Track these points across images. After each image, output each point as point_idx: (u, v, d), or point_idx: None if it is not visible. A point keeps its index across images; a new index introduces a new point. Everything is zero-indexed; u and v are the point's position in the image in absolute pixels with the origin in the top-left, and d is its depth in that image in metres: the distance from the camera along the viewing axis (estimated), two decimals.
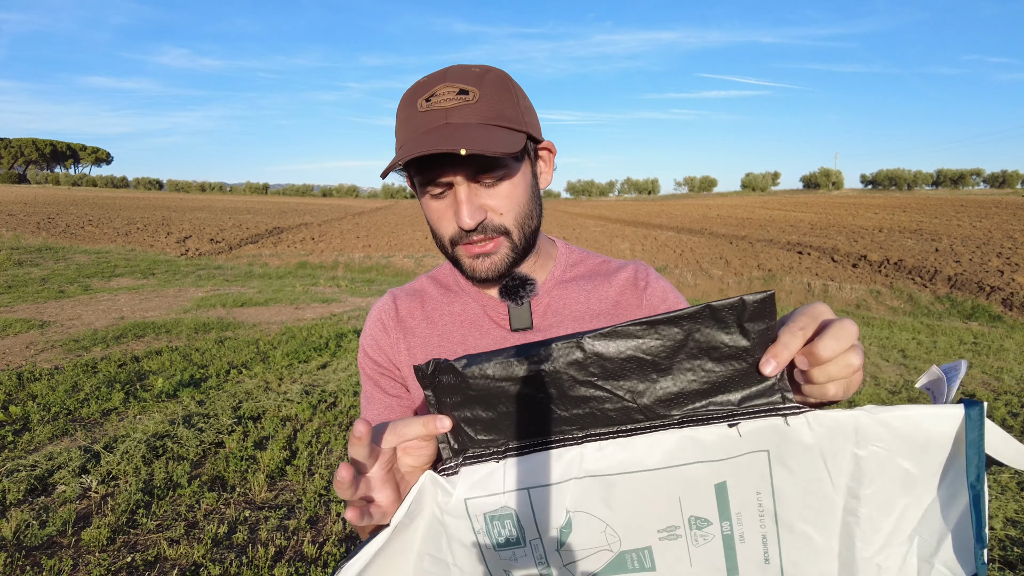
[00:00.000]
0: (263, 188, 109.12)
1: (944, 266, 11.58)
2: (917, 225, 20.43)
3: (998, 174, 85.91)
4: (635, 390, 0.51)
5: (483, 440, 0.54)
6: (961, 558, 0.48)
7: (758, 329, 0.48)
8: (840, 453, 0.49)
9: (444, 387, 0.53)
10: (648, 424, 0.51)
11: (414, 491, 0.54)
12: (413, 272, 12.77)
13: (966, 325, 7.81)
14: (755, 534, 0.53)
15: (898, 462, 0.48)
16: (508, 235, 0.79)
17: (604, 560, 0.56)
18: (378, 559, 0.54)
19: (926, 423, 0.46)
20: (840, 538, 0.51)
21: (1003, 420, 3.83)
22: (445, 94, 0.75)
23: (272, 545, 2.47)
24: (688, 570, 0.55)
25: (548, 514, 0.54)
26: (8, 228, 17.55)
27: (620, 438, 0.52)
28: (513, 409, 0.53)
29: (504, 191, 0.78)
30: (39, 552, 2.39)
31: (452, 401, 0.54)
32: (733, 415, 0.50)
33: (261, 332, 6.05)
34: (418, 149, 0.69)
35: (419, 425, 0.54)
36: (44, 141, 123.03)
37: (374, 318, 0.95)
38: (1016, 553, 2.35)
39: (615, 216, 32.06)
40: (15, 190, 57.16)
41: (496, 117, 0.75)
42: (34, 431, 3.47)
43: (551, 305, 0.90)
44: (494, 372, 0.52)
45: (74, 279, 9.62)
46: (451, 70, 0.78)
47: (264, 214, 30.81)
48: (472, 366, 0.52)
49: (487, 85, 0.76)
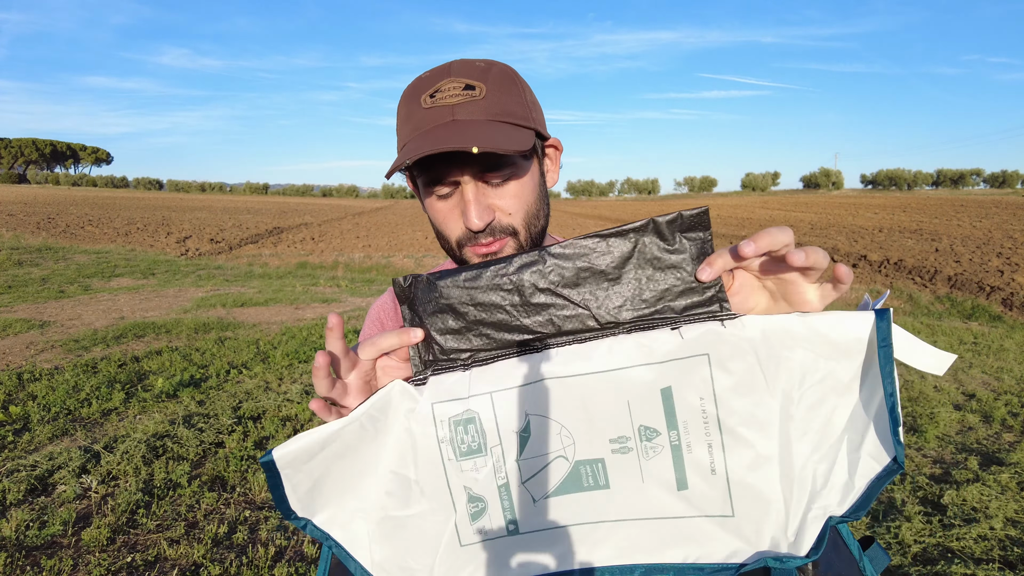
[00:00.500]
0: (263, 188, 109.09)
1: (944, 266, 11.58)
2: (917, 225, 20.43)
3: (998, 174, 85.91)
4: (590, 296, 0.57)
5: (452, 349, 0.59)
6: (883, 444, 0.53)
7: (696, 238, 0.55)
8: (774, 357, 0.53)
9: (419, 300, 0.59)
10: (601, 330, 0.57)
11: (378, 394, 0.58)
12: (413, 272, 12.76)
13: (966, 325, 7.81)
14: (701, 443, 0.55)
15: (825, 364, 0.53)
16: (516, 236, 0.77)
17: (560, 473, 0.58)
18: (342, 467, 0.57)
19: (846, 324, 0.52)
20: (779, 441, 0.54)
21: (1003, 420, 3.83)
22: (450, 90, 0.71)
23: (272, 545, 2.47)
24: (640, 486, 0.57)
25: (509, 416, 0.57)
26: (8, 228, 17.55)
27: (576, 344, 0.57)
28: (481, 317, 0.58)
29: (512, 190, 0.75)
30: (39, 552, 2.39)
31: (425, 312, 0.59)
32: (676, 320, 0.55)
33: (261, 332, 6.05)
34: (425, 147, 0.67)
35: (394, 336, 0.58)
36: (44, 141, 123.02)
37: (373, 316, 0.94)
38: (1016, 553, 2.35)
39: (615, 216, 32.06)
40: (15, 190, 57.17)
41: (503, 113, 0.72)
42: (34, 431, 3.47)
43: None
44: (463, 281, 0.58)
45: (74, 279, 9.62)
46: (455, 65, 0.74)
47: (264, 214, 30.81)
48: (444, 278, 0.58)
49: (493, 80, 0.73)
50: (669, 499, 0.57)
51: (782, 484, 0.55)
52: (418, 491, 0.59)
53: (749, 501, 0.55)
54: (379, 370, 0.62)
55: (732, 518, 0.56)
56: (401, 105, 0.77)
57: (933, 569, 2.28)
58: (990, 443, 3.49)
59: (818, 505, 0.55)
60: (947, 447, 3.45)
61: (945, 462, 3.25)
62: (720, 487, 0.55)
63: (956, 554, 2.37)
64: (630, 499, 0.57)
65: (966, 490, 2.83)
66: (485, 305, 0.57)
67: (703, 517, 0.56)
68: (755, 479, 0.55)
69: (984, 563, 2.30)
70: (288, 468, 0.55)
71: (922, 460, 3.27)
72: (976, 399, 4.24)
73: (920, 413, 3.93)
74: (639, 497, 0.57)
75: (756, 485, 0.55)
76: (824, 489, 0.55)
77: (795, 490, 0.55)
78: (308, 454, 0.55)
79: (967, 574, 2.23)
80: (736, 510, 0.56)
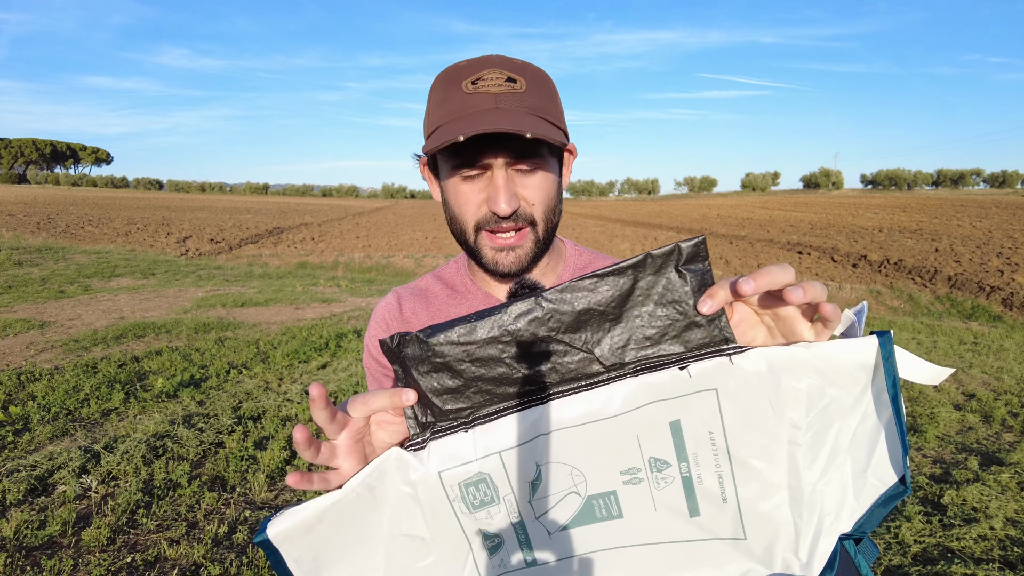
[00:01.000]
0: (263, 188, 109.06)
1: (944, 266, 11.57)
2: (917, 225, 20.43)
3: (998, 174, 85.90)
4: (591, 340, 0.54)
5: (450, 410, 0.55)
6: (892, 465, 0.54)
7: (696, 270, 0.52)
8: (781, 388, 0.53)
9: (411, 359, 0.55)
10: (606, 376, 0.55)
11: (374, 463, 0.55)
12: (413, 272, 12.76)
13: (966, 325, 7.80)
14: (711, 474, 0.55)
15: (829, 391, 0.53)
16: (535, 227, 0.79)
17: (574, 507, 0.58)
18: (343, 536, 0.56)
19: (850, 351, 0.51)
20: (787, 469, 0.55)
21: (1003, 420, 3.83)
22: (493, 79, 0.74)
23: None
24: (652, 515, 0.57)
25: (519, 470, 0.56)
26: (8, 228, 17.55)
27: (581, 392, 0.55)
28: (479, 373, 0.55)
29: (537, 181, 0.78)
30: (39, 552, 2.39)
31: (419, 372, 0.55)
32: (683, 358, 0.53)
33: (261, 332, 6.05)
34: (479, 127, 0.68)
35: (385, 397, 0.54)
36: (44, 141, 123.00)
37: (378, 318, 0.94)
38: (1016, 553, 2.35)
39: (615, 216, 32.06)
40: (15, 190, 57.16)
41: (540, 109, 0.76)
42: (34, 431, 3.47)
43: None
44: (458, 338, 0.54)
45: (74, 279, 9.62)
46: (495, 58, 0.77)
47: (264, 214, 30.81)
48: (436, 335, 0.54)
49: (531, 78, 0.76)
50: (681, 525, 0.57)
51: (792, 509, 0.56)
52: (430, 543, 0.59)
53: (760, 526, 0.56)
54: (373, 423, 0.59)
55: (744, 540, 0.57)
56: (437, 88, 0.78)
57: (933, 569, 2.28)
58: (990, 443, 3.49)
59: (828, 526, 0.55)
60: (947, 447, 3.45)
61: (945, 462, 3.25)
62: (731, 514, 0.56)
63: (956, 554, 2.37)
64: (643, 526, 0.58)
65: (966, 490, 2.83)
66: (483, 360, 0.54)
67: (716, 540, 0.57)
68: (766, 507, 0.56)
69: (984, 563, 2.30)
70: (285, 543, 0.54)
71: (922, 460, 3.27)
72: (976, 399, 4.23)
73: (920, 413, 3.93)
74: (652, 524, 0.58)
75: (767, 512, 0.56)
76: (833, 510, 0.55)
77: (804, 513, 0.55)
78: (305, 528, 0.54)
79: (967, 574, 2.23)
80: (748, 533, 0.57)
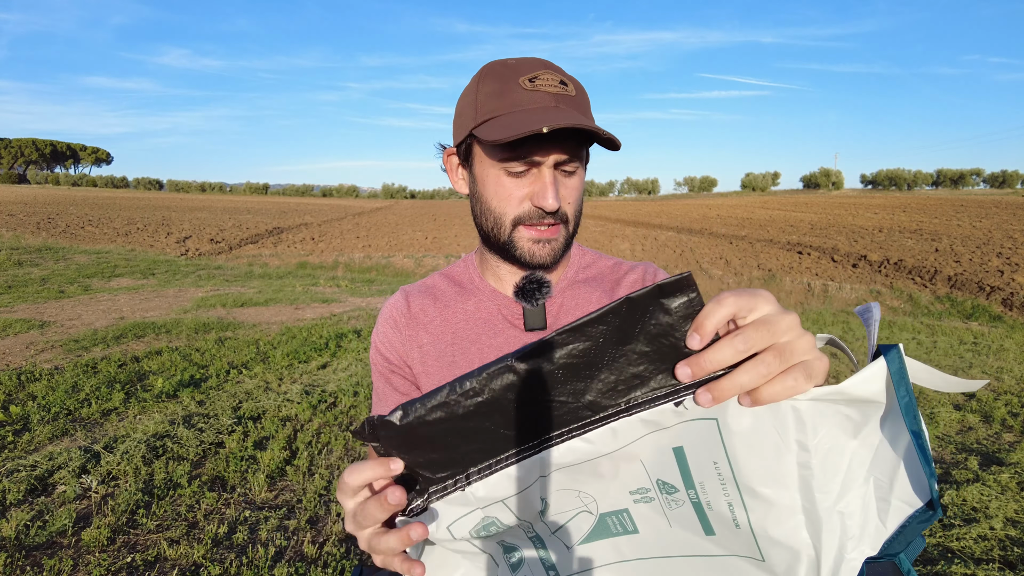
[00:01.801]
0: (263, 188, 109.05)
1: (944, 266, 11.57)
2: (917, 225, 20.43)
3: (998, 174, 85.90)
4: (577, 390, 0.51)
5: (443, 476, 0.54)
6: (916, 490, 0.51)
7: (679, 303, 0.48)
8: (782, 408, 0.50)
9: (390, 440, 0.52)
10: (599, 418, 0.52)
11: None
12: (413, 272, 12.76)
13: (966, 325, 7.81)
14: (721, 501, 0.54)
15: (839, 409, 0.50)
16: (566, 224, 0.84)
17: (588, 525, 0.58)
18: None
19: (860, 389, 0.48)
20: (801, 492, 0.53)
21: (1003, 420, 3.83)
22: (549, 80, 0.77)
23: (272, 545, 2.48)
24: (669, 530, 0.57)
25: (526, 509, 0.56)
26: (8, 228, 17.55)
27: (575, 438, 0.52)
28: (463, 442, 0.52)
29: (574, 183, 0.83)
30: (39, 552, 2.39)
31: (400, 451, 0.53)
32: (676, 392, 0.50)
33: (261, 332, 6.05)
34: (561, 121, 0.70)
35: (369, 469, 0.52)
36: (44, 141, 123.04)
37: (386, 315, 0.94)
38: (1016, 553, 2.35)
39: (615, 216, 32.06)
40: (15, 190, 57.15)
41: (586, 115, 0.80)
42: (34, 431, 3.47)
43: (564, 306, 0.91)
44: (434, 415, 0.51)
45: (74, 279, 9.62)
46: (543, 60, 0.81)
47: (264, 214, 30.81)
48: (409, 416, 0.51)
49: (576, 85, 0.81)
50: (699, 540, 0.57)
51: (810, 532, 0.54)
52: (454, 563, 0.62)
53: (777, 550, 0.55)
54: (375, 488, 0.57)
55: (763, 562, 0.56)
56: (486, 82, 0.79)
57: (933, 569, 2.28)
58: (990, 443, 3.49)
59: (851, 549, 0.54)
60: (947, 447, 3.44)
61: (945, 462, 3.25)
62: (746, 537, 0.55)
63: (956, 554, 2.37)
64: (661, 540, 0.58)
65: (966, 490, 2.83)
66: (464, 431, 0.51)
67: (735, 556, 0.57)
68: (781, 531, 0.54)
69: (984, 563, 2.30)
70: None
71: None
72: (976, 399, 4.24)
73: (920, 413, 3.93)
74: (670, 538, 0.58)
75: (783, 536, 0.54)
76: (856, 534, 0.54)
77: (824, 537, 0.53)
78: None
79: (967, 574, 2.23)
80: (765, 556, 0.55)
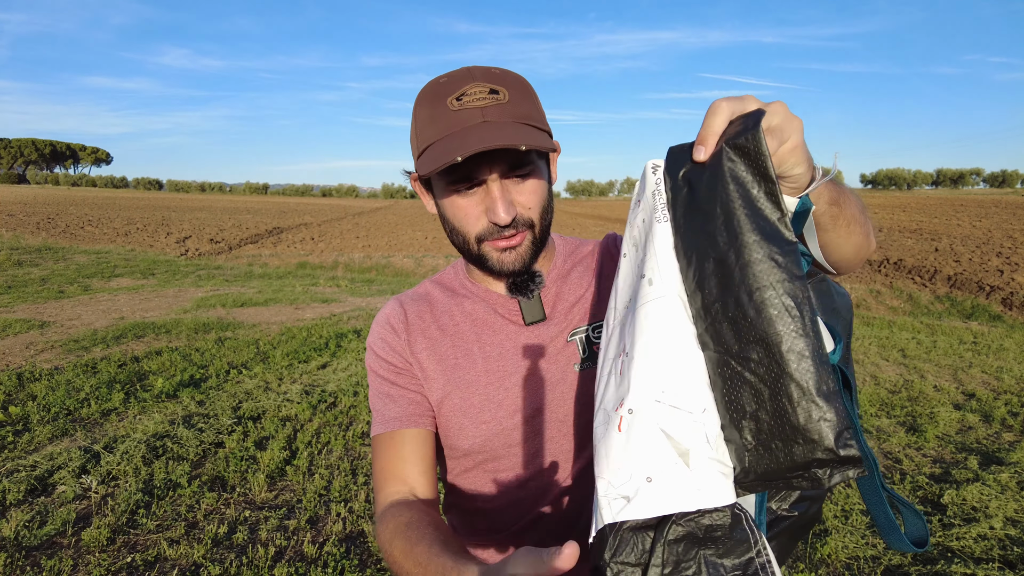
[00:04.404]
0: (263, 188, 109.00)
1: (944, 266, 11.57)
2: (917, 225, 20.43)
3: (998, 174, 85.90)
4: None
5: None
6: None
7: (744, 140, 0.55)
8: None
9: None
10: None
11: None
12: (413, 272, 12.76)
13: (966, 325, 7.81)
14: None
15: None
16: (532, 228, 0.83)
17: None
18: None
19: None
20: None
21: (1003, 420, 3.83)
22: (476, 93, 0.75)
23: (272, 545, 2.47)
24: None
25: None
26: (8, 228, 17.54)
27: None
28: None
29: (530, 187, 0.81)
30: (39, 552, 2.39)
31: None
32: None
33: (261, 332, 6.05)
34: (473, 145, 0.69)
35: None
36: (44, 141, 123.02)
37: (382, 321, 0.93)
38: (1016, 553, 2.35)
39: (615, 216, 32.06)
40: (15, 190, 57.14)
41: (525, 116, 0.77)
42: (34, 431, 3.47)
43: (559, 294, 0.91)
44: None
45: (74, 279, 9.62)
46: (474, 70, 0.78)
47: (264, 214, 30.80)
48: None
49: (512, 86, 0.78)
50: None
51: None
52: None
53: None
54: None
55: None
56: (421, 107, 0.79)
57: (933, 569, 2.28)
58: (990, 443, 3.49)
59: None
60: (947, 447, 3.45)
61: (945, 462, 3.25)
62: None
63: (956, 553, 2.37)
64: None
65: (966, 490, 2.83)
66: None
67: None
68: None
69: (984, 563, 2.30)
70: None
71: (922, 460, 3.27)
72: (976, 399, 4.24)
73: (920, 413, 3.93)
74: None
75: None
76: None
77: None
78: None
79: (967, 573, 2.23)
80: None
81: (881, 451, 3.40)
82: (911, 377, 4.75)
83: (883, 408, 4.07)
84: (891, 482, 3.01)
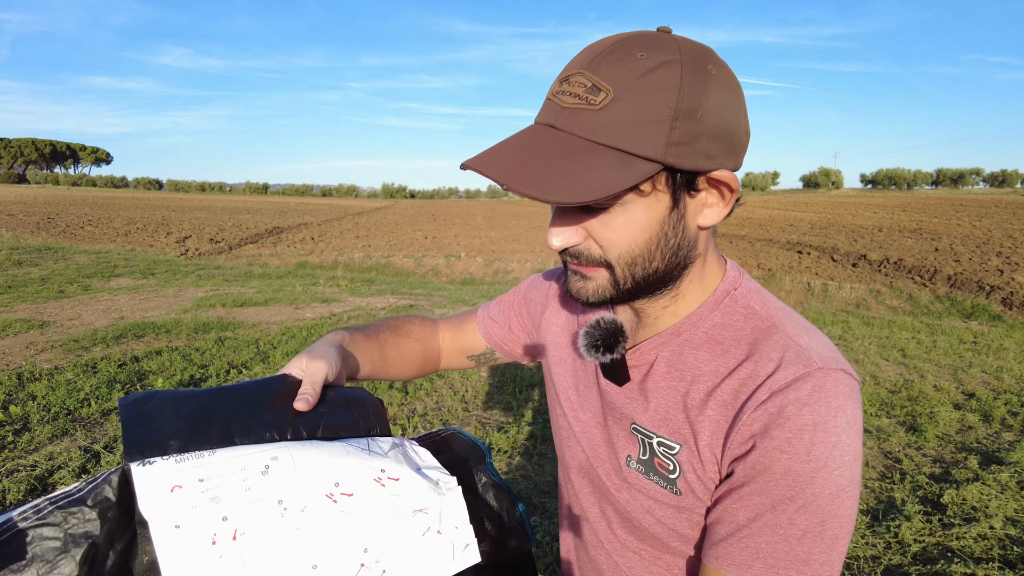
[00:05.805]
0: (263, 188, 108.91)
1: (944, 265, 11.58)
2: (917, 224, 20.43)
3: (998, 174, 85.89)
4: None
5: None
6: None
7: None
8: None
9: None
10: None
11: None
12: (413, 272, 12.76)
13: (966, 324, 7.81)
14: None
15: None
16: (611, 270, 0.62)
17: None
18: None
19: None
20: None
21: (1003, 420, 3.84)
22: (576, 85, 0.56)
23: None
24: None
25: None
26: (8, 228, 17.55)
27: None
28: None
29: (612, 221, 0.59)
30: None
31: None
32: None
33: (261, 332, 6.05)
34: (480, 162, 0.57)
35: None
36: (44, 141, 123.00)
37: (545, 282, 0.94)
38: (1016, 552, 2.35)
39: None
40: (15, 190, 57.13)
41: (618, 133, 0.54)
42: (34, 431, 3.47)
43: (655, 366, 0.68)
44: None
45: (74, 279, 9.62)
46: (620, 44, 0.56)
47: (264, 214, 30.80)
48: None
49: (643, 85, 0.54)
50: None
51: None
52: None
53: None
54: None
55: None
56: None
57: (933, 568, 2.28)
58: (990, 442, 3.49)
59: None
60: (947, 446, 3.45)
61: (945, 461, 3.25)
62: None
63: (956, 553, 2.37)
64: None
65: (966, 489, 2.83)
66: None
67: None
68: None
69: (984, 562, 2.30)
70: None
71: (922, 459, 3.27)
72: (976, 398, 4.24)
73: (920, 412, 3.93)
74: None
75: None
76: None
77: None
78: None
79: (967, 573, 2.23)
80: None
81: (881, 451, 3.40)
82: (911, 377, 4.75)
83: (883, 408, 4.07)
84: (891, 482, 3.02)
